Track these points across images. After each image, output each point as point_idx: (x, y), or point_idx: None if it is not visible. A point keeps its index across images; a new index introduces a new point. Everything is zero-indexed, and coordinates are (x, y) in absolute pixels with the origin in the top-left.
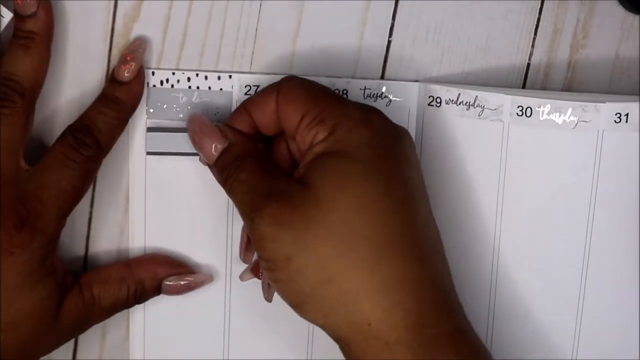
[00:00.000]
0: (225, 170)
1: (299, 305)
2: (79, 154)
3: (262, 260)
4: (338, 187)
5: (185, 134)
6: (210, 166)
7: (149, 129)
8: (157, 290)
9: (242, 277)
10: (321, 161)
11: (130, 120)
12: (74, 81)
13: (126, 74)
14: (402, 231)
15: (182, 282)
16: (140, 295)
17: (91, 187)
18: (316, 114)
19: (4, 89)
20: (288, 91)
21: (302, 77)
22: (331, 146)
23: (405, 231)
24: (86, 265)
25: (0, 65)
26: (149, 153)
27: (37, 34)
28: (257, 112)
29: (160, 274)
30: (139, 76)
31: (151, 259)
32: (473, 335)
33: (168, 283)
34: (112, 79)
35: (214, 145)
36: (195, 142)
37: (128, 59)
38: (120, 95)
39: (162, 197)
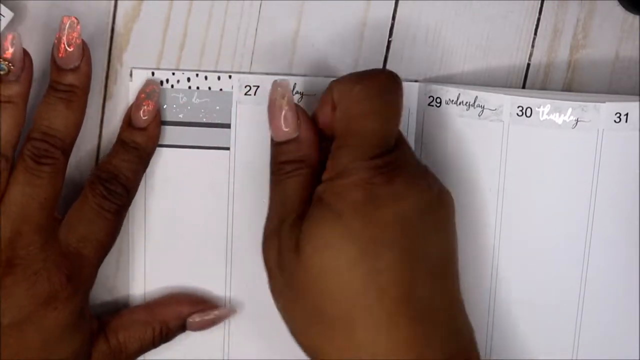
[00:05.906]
0: (276, 163)
1: (289, 331)
2: (112, 204)
3: None
4: (318, 249)
5: (184, 128)
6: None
7: None
8: (182, 328)
9: None
10: (316, 210)
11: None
12: None
13: (144, 118)
14: (374, 299)
15: (206, 318)
16: (166, 335)
17: None
18: (338, 144)
19: (46, 146)
20: (340, 95)
21: (361, 80)
22: (329, 193)
23: (377, 299)
24: None
25: (40, 119)
26: None
27: (79, 88)
28: (319, 111)
29: (183, 313)
30: (156, 119)
31: (174, 299)
32: None
33: (194, 320)
34: (128, 123)
35: (284, 130)
36: (270, 111)
37: (144, 104)
38: (139, 140)
39: (161, 192)
